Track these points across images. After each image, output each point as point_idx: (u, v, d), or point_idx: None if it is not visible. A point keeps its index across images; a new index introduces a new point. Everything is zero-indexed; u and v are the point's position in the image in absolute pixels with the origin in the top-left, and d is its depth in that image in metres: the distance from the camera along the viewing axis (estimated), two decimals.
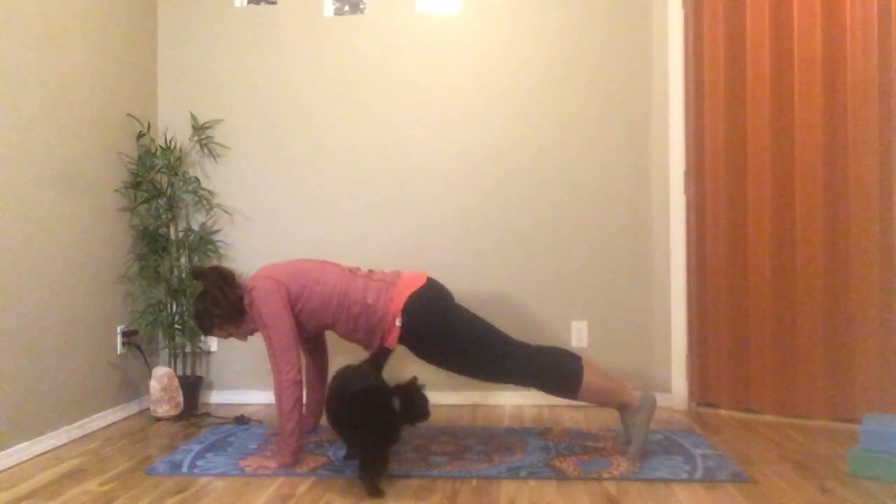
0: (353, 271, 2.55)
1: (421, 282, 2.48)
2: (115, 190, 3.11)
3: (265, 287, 2.39)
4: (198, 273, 2.51)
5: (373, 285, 2.46)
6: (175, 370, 3.20)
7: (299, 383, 2.33)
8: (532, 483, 2.19)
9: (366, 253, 3.37)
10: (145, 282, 3.26)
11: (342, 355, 3.10)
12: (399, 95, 3.38)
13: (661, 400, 3.19)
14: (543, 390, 2.46)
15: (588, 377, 2.40)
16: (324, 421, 2.74)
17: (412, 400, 2.14)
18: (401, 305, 2.41)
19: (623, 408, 2.44)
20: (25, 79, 2.55)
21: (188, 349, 3.31)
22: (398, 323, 2.40)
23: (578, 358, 2.45)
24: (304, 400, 2.69)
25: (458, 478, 2.24)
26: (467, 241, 3.34)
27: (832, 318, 2.84)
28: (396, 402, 2.11)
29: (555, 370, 2.42)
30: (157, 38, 3.49)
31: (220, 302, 2.45)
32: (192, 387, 3.19)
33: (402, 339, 2.43)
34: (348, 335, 2.52)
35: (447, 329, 2.43)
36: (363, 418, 2.08)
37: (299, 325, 2.46)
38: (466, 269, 3.34)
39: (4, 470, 2.39)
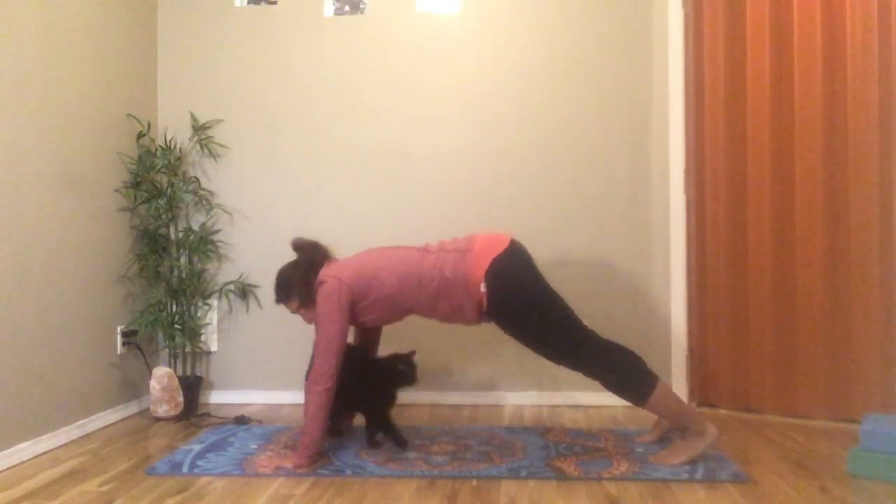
0: (424, 248, 2.50)
1: (504, 245, 2.41)
2: (115, 190, 3.10)
3: (328, 286, 2.40)
4: (298, 245, 2.60)
5: (447, 257, 2.41)
6: (175, 370, 3.20)
7: (328, 391, 2.32)
8: (532, 483, 2.19)
9: None
10: (145, 282, 3.26)
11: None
12: (399, 95, 3.38)
13: None
14: (611, 387, 2.37)
15: (662, 387, 2.32)
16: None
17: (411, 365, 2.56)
18: (484, 270, 2.34)
19: (685, 430, 2.35)
20: (25, 79, 2.55)
21: (188, 349, 3.31)
22: (483, 289, 2.34)
23: (654, 374, 2.36)
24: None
25: (458, 478, 2.24)
26: None
27: (832, 318, 2.84)
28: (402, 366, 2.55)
29: (630, 368, 2.34)
30: (157, 38, 3.48)
31: (297, 280, 2.52)
32: (192, 387, 3.19)
33: (490, 308, 2.36)
34: (434, 314, 2.46)
35: (534, 295, 2.37)
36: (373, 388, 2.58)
37: (375, 316, 2.46)
38: None
39: (4, 470, 2.39)
